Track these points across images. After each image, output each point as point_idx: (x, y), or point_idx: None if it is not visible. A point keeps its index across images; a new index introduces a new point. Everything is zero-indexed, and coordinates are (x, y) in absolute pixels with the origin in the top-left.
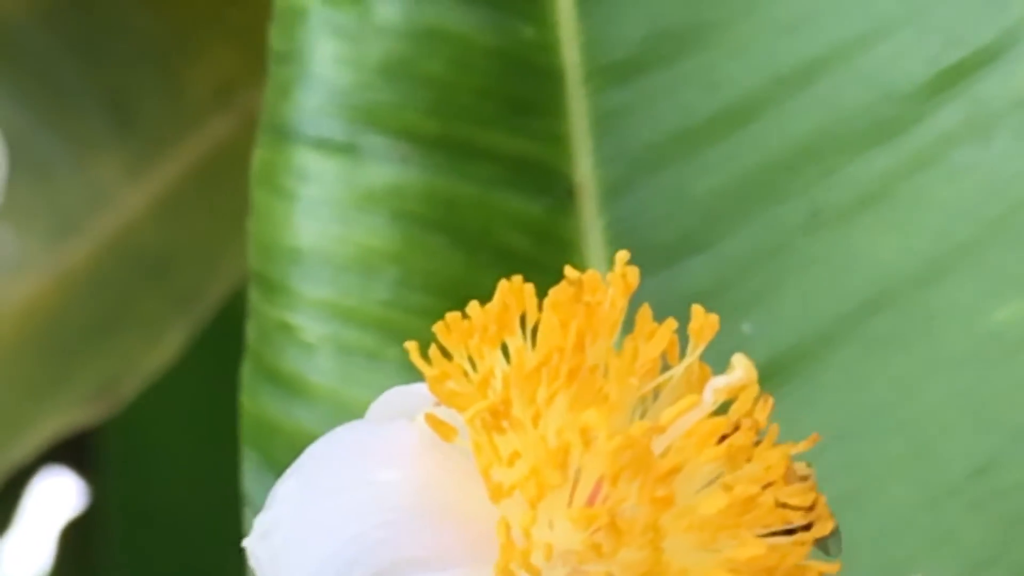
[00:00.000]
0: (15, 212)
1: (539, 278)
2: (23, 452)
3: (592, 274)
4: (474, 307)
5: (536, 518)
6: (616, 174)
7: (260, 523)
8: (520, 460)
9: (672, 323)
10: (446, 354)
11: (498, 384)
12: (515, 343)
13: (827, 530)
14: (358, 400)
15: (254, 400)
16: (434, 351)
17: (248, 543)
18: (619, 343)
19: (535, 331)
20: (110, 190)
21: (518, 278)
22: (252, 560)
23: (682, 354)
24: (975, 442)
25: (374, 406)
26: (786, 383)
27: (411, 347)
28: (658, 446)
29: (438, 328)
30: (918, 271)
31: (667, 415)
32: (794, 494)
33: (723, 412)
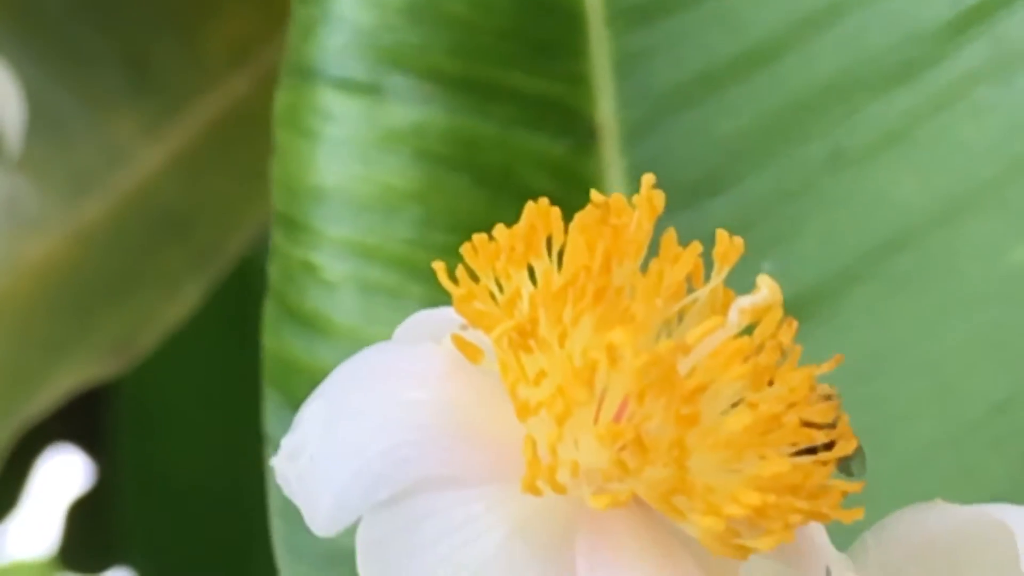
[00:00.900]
0: (34, 169)
1: (564, 219)
2: (41, 406)
3: (618, 197)
4: (500, 229)
5: (562, 435)
6: (638, 115)
7: (287, 444)
8: (547, 379)
9: (697, 246)
10: (473, 276)
11: (525, 304)
12: (542, 264)
13: (850, 449)
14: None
15: (276, 340)
16: (461, 272)
17: (275, 463)
18: (645, 267)
19: (561, 253)
20: (127, 147)
21: (544, 200)
22: (279, 480)
23: (707, 280)
24: (996, 380)
25: (400, 329)
26: (808, 321)
27: (439, 268)
28: (684, 366)
29: (465, 249)
30: (940, 210)
31: (693, 335)
32: (818, 413)
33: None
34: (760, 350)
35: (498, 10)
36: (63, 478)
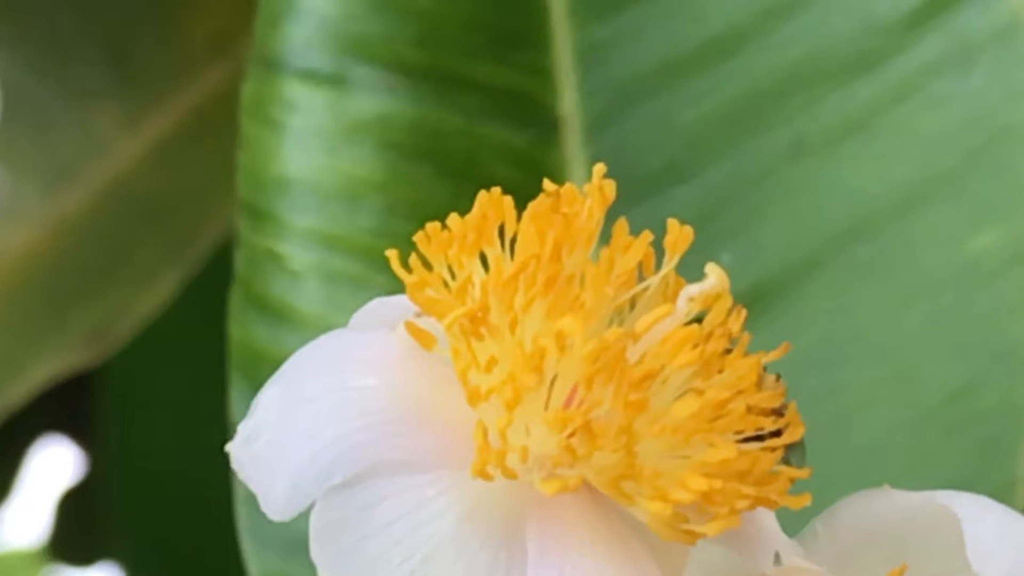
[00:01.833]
0: (12, 159)
1: (524, 208)
2: (19, 394)
3: (570, 187)
4: (454, 218)
5: (512, 421)
6: (601, 106)
7: (243, 429)
8: (497, 365)
9: (647, 235)
10: (426, 264)
11: (476, 291)
12: (494, 252)
13: (798, 435)
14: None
15: (242, 328)
16: (414, 260)
17: (231, 448)
18: (597, 256)
19: (514, 242)
20: (106, 138)
21: (497, 189)
22: (235, 465)
23: (659, 269)
24: (953, 367)
25: (356, 316)
26: (769, 309)
27: (391, 256)
28: (633, 353)
29: (418, 238)
30: (899, 199)
31: (642, 323)
32: (765, 400)
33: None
34: (709, 338)
35: (462, 1)
36: (55, 468)
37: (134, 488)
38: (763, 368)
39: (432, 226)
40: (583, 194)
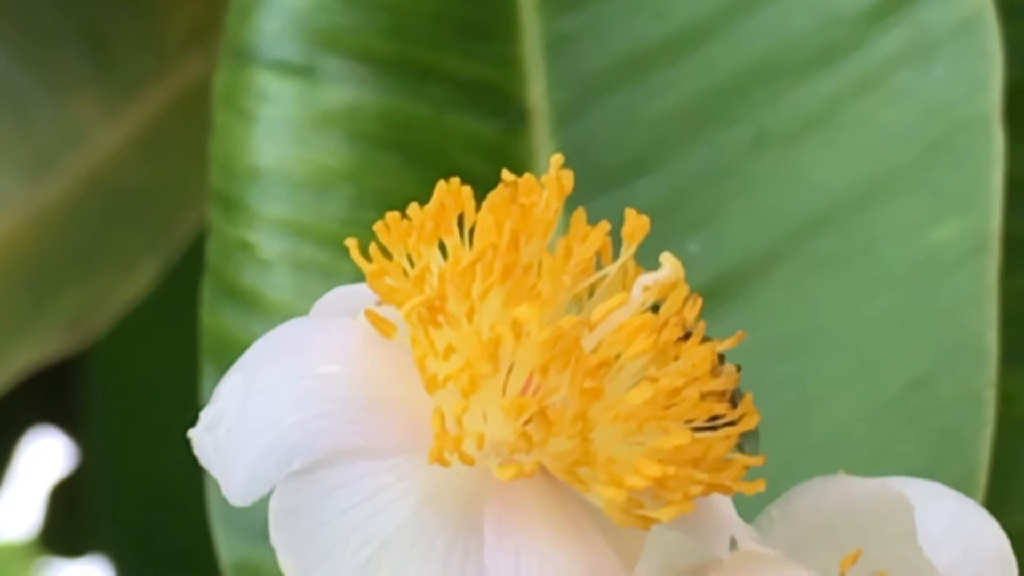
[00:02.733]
0: None
1: None
2: (1, 382)
3: (528, 177)
4: (414, 208)
5: (469, 408)
6: (568, 97)
7: (205, 415)
8: (455, 353)
9: (605, 225)
10: (386, 253)
11: (434, 280)
12: (452, 242)
13: (752, 424)
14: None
15: (214, 316)
16: (374, 249)
17: (194, 434)
18: (555, 246)
19: (472, 232)
20: (86, 128)
21: (456, 180)
22: (197, 450)
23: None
24: (912, 358)
25: (318, 304)
26: (731, 300)
27: (351, 245)
28: (589, 342)
29: (378, 227)
30: (860, 192)
31: (597, 311)
32: (719, 387)
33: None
34: (664, 326)
35: None
36: (45, 460)
37: (122, 479)
38: (722, 357)
39: (392, 216)
40: (542, 184)
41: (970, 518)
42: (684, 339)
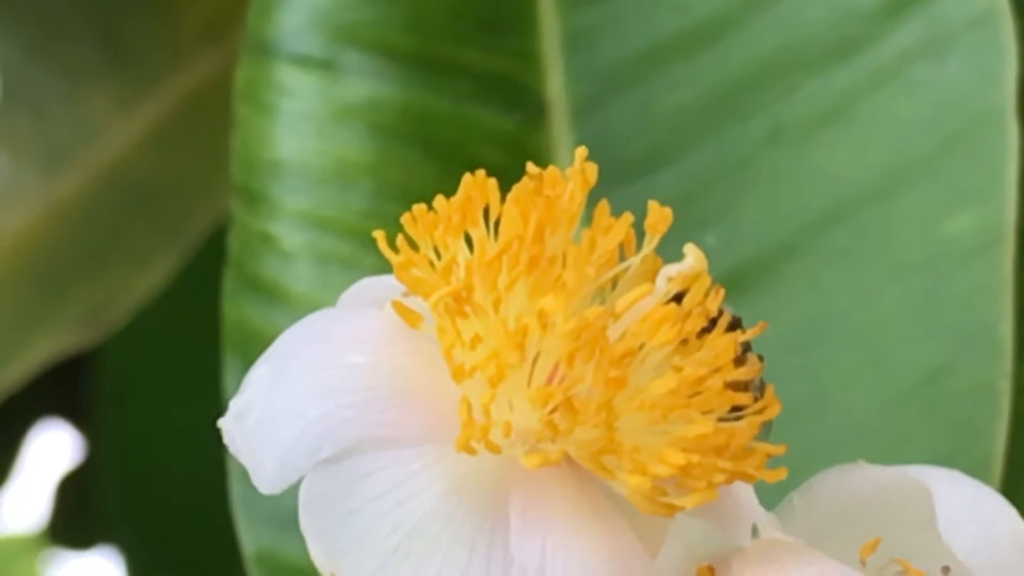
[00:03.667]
0: (9, 144)
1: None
2: (17, 376)
3: (552, 170)
4: (440, 200)
5: (496, 397)
6: (586, 91)
7: (234, 405)
8: (481, 343)
9: (628, 217)
10: (413, 244)
11: (461, 271)
12: (478, 233)
13: (774, 414)
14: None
15: (235, 308)
16: (401, 240)
17: (223, 424)
18: (580, 238)
19: (497, 224)
20: (102, 123)
21: (482, 172)
22: (227, 440)
23: (640, 249)
24: (928, 348)
25: (345, 295)
26: (748, 292)
27: (379, 236)
28: (614, 332)
29: (405, 219)
30: (876, 184)
31: (622, 301)
32: (742, 377)
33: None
34: (688, 316)
35: None
36: (54, 452)
37: (131, 471)
38: (747, 347)
39: (419, 208)
40: (566, 177)
41: (988, 505)
42: (708, 329)
